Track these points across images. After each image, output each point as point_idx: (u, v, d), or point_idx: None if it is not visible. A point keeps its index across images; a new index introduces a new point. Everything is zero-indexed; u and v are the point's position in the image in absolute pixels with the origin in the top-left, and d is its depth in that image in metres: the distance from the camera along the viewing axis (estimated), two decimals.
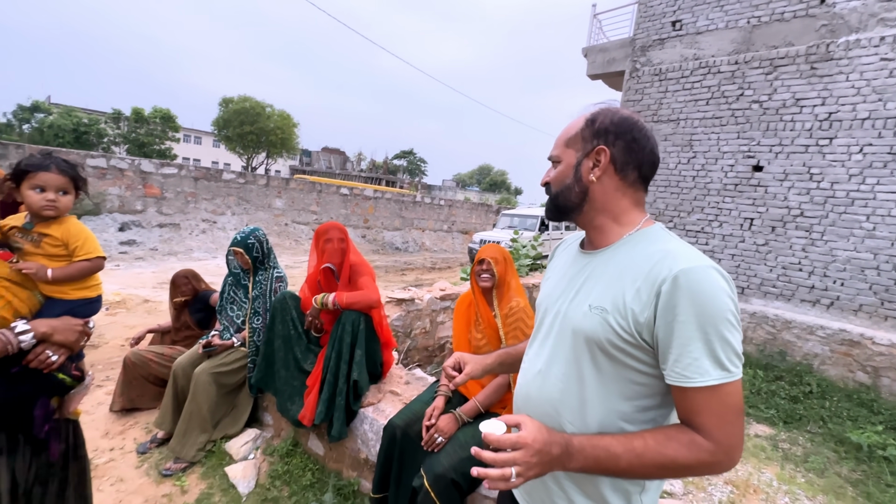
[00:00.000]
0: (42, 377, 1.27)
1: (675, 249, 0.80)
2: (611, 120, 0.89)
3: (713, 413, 0.74)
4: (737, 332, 0.75)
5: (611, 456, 0.76)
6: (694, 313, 0.74)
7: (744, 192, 5.58)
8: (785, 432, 4.10)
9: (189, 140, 43.67)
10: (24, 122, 27.65)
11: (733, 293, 0.77)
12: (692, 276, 0.75)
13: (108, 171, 8.51)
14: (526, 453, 0.72)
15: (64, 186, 1.39)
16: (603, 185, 0.89)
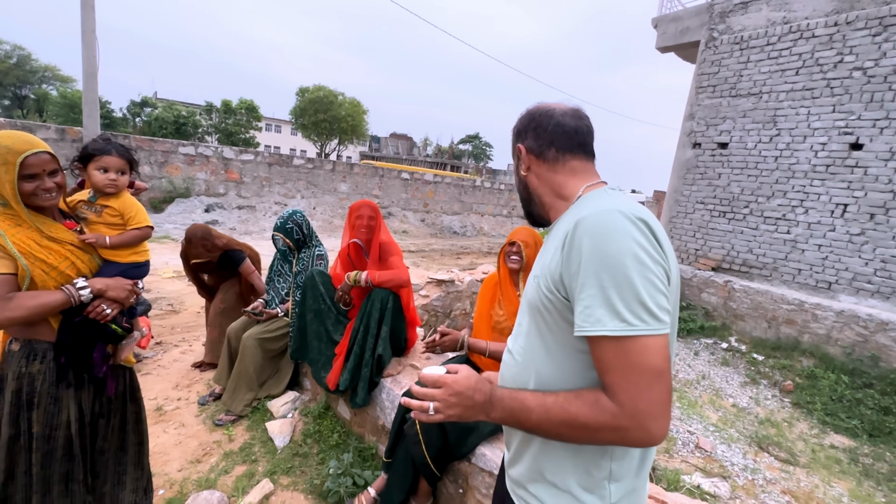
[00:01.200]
0: (98, 327, 1.49)
1: (592, 202, 0.79)
2: (518, 122, 0.97)
3: (617, 370, 0.68)
4: (647, 280, 0.67)
5: (524, 408, 0.77)
6: (589, 258, 0.69)
7: (837, 174, 4.89)
8: (869, 446, 3.64)
9: (270, 129, 46.97)
10: (135, 115, 31.46)
11: (645, 235, 0.69)
12: (591, 220, 0.71)
13: (196, 157, 9.47)
14: (445, 392, 0.80)
15: (122, 167, 1.64)
16: (533, 173, 0.94)
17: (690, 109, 6.33)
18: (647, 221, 0.71)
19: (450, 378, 0.81)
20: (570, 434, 0.74)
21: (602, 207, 0.73)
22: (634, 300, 0.66)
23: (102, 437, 1.64)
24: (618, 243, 0.68)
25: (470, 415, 0.81)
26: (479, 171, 39.98)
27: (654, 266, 0.68)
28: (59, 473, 1.49)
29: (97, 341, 1.50)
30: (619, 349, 0.67)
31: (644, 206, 0.76)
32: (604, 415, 0.69)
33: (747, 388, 4.44)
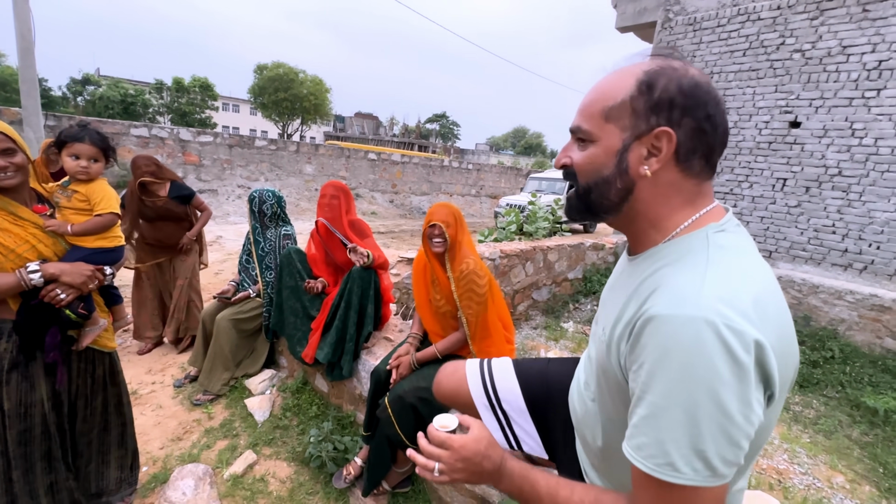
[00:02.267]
0: (54, 311, 1.50)
1: (689, 280, 0.58)
2: (678, 87, 0.63)
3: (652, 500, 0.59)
4: (721, 433, 0.52)
5: (533, 492, 0.73)
6: (653, 373, 0.55)
7: (778, 151, 5.27)
8: (800, 395, 4.07)
9: (228, 108, 44.82)
10: (77, 94, 29.26)
11: (741, 373, 0.51)
12: (668, 328, 0.55)
13: (151, 139, 9.02)
14: (451, 456, 0.74)
15: (95, 155, 1.62)
16: (657, 179, 0.66)
17: None
18: (756, 343, 0.52)
19: (458, 442, 0.74)
20: None
21: (691, 313, 0.53)
22: (692, 450, 0.53)
23: (82, 420, 1.68)
24: (695, 376, 0.52)
25: (475, 480, 0.76)
26: (447, 151, 39.83)
27: (739, 416, 0.52)
28: (41, 451, 1.53)
29: (51, 325, 1.50)
30: (661, 489, 0.56)
31: (769, 293, 0.58)
32: None
33: None
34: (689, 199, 0.67)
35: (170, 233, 2.93)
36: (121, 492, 1.80)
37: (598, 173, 0.68)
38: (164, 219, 2.87)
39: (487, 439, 0.76)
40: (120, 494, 1.80)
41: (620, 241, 6.58)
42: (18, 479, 1.49)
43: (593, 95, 0.69)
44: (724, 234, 0.64)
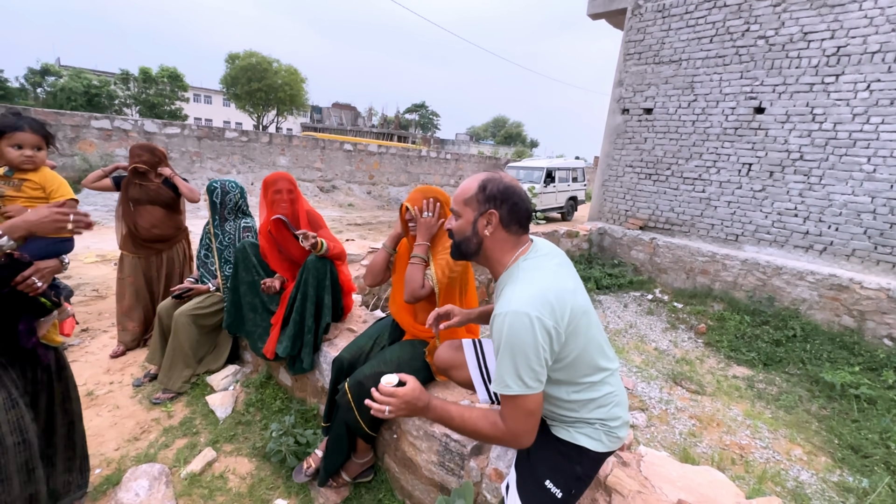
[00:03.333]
0: (25, 299, 1.44)
1: (511, 294, 1.09)
2: (497, 188, 1.17)
3: (508, 410, 1.10)
4: (534, 361, 1.03)
5: (449, 416, 1.18)
6: (505, 344, 1.04)
7: (744, 136, 5.38)
8: (763, 373, 4.22)
9: (199, 100, 43.44)
10: (36, 85, 27.86)
11: (543, 332, 1.03)
12: (509, 318, 1.04)
13: (114, 132, 8.67)
14: (398, 401, 1.17)
15: (38, 143, 1.59)
16: (493, 237, 1.19)
17: (619, 76, 6.62)
18: (537, 319, 1.02)
19: (400, 391, 1.17)
20: (474, 436, 1.17)
21: (516, 308, 1.04)
22: (514, 375, 1.05)
23: (31, 419, 1.59)
24: (512, 338, 1.03)
25: (413, 414, 1.20)
26: (427, 141, 39.53)
27: (535, 357, 1.03)
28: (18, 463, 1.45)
29: (22, 314, 1.45)
30: (506, 400, 1.09)
31: (552, 293, 1.07)
32: (496, 430, 1.12)
33: (668, 333, 4.94)
34: (513, 245, 1.21)
35: (160, 219, 2.84)
36: (70, 495, 1.74)
37: (464, 234, 1.22)
38: (154, 203, 2.80)
39: (419, 389, 1.20)
40: (69, 498, 1.73)
41: (594, 229, 6.66)
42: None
43: (459, 191, 1.23)
44: (526, 262, 1.17)
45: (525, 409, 1.06)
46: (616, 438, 1.19)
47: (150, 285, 2.92)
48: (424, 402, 1.17)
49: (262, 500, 1.80)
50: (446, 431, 1.57)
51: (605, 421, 1.17)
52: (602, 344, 1.18)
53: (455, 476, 1.54)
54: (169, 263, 2.93)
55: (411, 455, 1.70)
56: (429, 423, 1.63)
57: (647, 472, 1.32)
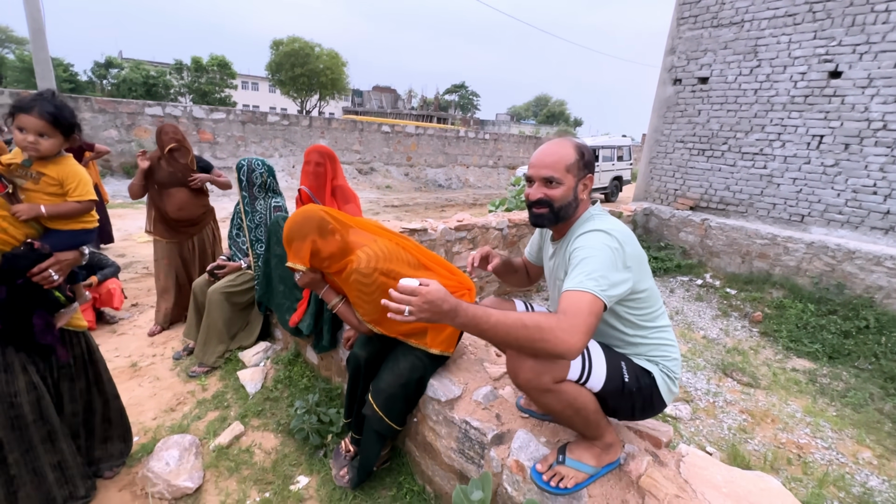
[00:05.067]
0: (40, 293, 1.46)
1: (592, 224, 1.22)
2: (589, 155, 1.28)
3: (571, 303, 1.02)
4: (611, 269, 1.08)
5: (486, 313, 1.02)
6: (587, 253, 1.11)
7: (815, 105, 4.82)
8: (828, 367, 3.83)
9: (247, 87, 44.88)
10: (101, 77, 29.79)
11: (618, 247, 1.13)
12: (592, 234, 1.16)
13: (165, 118, 9.09)
14: (419, 300, 1.00)
15: (42, 129, 1.43)
16: (584, 200, 1.30)
17: (672, 43, 6.10)
18: (624, 242, 1.14)
19: (423, 289, 1.01)
20: (518, 331, 0.99)
21: (601, 227, 1.17)
22: (604, 275, 1.07)
23: (70, 400, 1.66)
24: (604, 248, 1.12)
25: (437, 319, 1.02)
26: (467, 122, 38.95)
27: (620, 265, 1.10)
28: (41, 435, 1.52)
29: (36, 307, 1.47)
30: (579, 295, 1.04)
31: (628, 232, 1.20)
32: (548, 320, 0.99)
33: (718, 321, 4.60)
34: (586, 205, 1.32)
35: (187, 201, 2.89)
36: (111, 461, 1.82)
37: (566, 200, 1.25)
38: (181, 185, 2.85)
39: (445, 290, 1.04)
40: (109, 464, 1.82)
41: (639, 209, 6.28)
42: (17, 460, 1.48)
43: (556, 157, 1.25)
44: (596, 209, 1.31)
45: (589, 307, 1.00)
46: (669, 392, 1.26)
47: (187, 267, 3.02)
48: (452, 304, 1.02)
49: (284, 475, 1.81)
50: (466, 417, 1.48)
51: (668, 367, 1.26)
52: None
53: (475, 465, 1.47)
54: (201, 245, 3.02)
55: (431, 440, 1.64)
56: (448, 407, 1.56)
57: (687, 475, 1.18)
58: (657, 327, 1.27)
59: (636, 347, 1.26)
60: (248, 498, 1.71)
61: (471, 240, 4.22)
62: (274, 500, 1.69)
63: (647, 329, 1.25)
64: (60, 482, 1.58)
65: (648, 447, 1.31)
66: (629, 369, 1.22)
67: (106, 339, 3.00)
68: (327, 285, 1.65)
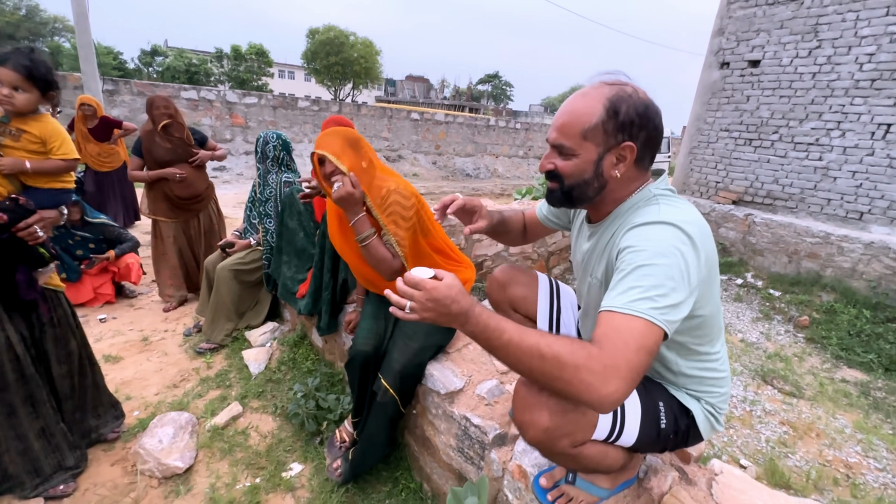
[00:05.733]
0: (23, 249, 1.43)
1: (650, 211, 0.87)
2: (636, 111, 0.86)
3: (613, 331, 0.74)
4: (676, 282, 0.77)
5: (499, 327, 0.79)
6: (643, 258, 0.79)
7: (883, 90, 4.33)
8: (884, 380, 3.46)
9: (284, 75, 45.67)
10: (147, 65, 31.01)
11: (690, 249, 0.80)
12: (653, 229, 0.83)
13: (200, 102, 9.28)
14: (424, 295, 0.81)
15: (17, 83, 1.42)
16: (621, 177, 0.92)
17: (720, 23, 5.65)
18: (696, 241, 0.81)
19: (430, 284, 0.82)
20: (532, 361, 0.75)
21: (667, 219, 0.82)
22: (664, 292, 0.77)
23: (57, 362, 1.62)
24: (670, 251, 0.79)
25: (443, 321, 0.84)
26: (499, 113, 38.32)
27: (687, 278, 0.79)
28: (21, 396, 1.49)
29: (19, 264, 1.43)
30: (627, 322, 0.75)
31: (702, 222, 0.86)
32: (580, 353, 0.72)
33: (759, 324, 4.26)
34: (639, 182, 0.95)
35: (191, 178, 2.84)
36: (109, 425, 1.80)
37: (580, 177, 0.92)
38: (181, 161, 2.79)
39: (459, 288, 0.83)
40: (109, 427, 1.79)
41: None
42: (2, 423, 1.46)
43: (569, 117, 0.90)
44: (659, 189, 0.94)
45: (639, 341, 0.72)
46: (711, 430, 1.02)
47: (192, 246, 2.99)
48: (462, 307, 0.81)
49: (278, 461, 1.72)
50: (467, 413, 1.34)
51: (714, 404, 1.00)
52: None
53: (474, 466, 1.32)
54: (207, 221, 2.98)
55: (430, 435, 1.51)
56: (448, 400, 1.41)
57: (720, 497, 1.00)
58: (712, 354, 0.98)
59: (679, 378, 0.99)
60: (239, 482, 1.63)
61: None
62: (264, 486, 1.61)
63: (700, 356, 0.97)
64: (47, 450, 1.54)
65: (675, 461, 1.13)
66: (667, 410, 0.97)
67: (124, 313, 3.03)
68: (364, 212, 1.45)
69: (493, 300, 1.36)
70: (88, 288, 3.01)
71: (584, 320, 1.15)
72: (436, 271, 0.87)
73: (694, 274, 0.78)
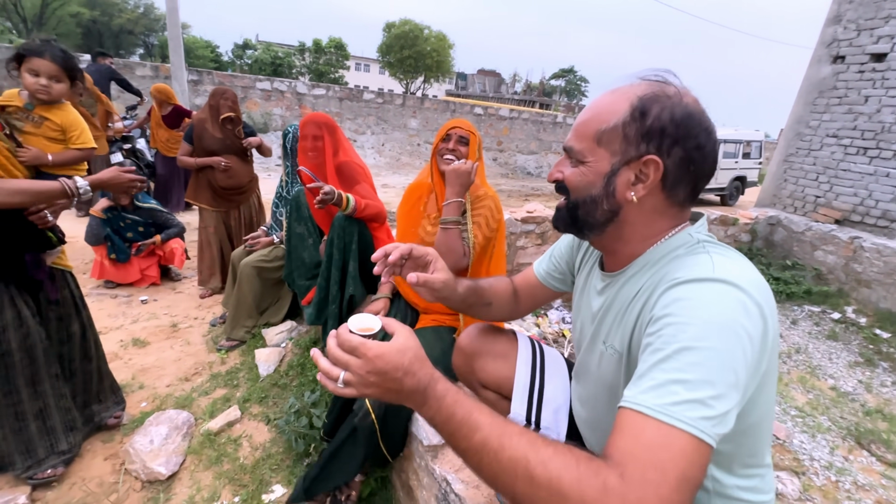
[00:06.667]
0: (33, 231, 1.44)
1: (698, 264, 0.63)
2: (671, 116, 0.65)
3: (641, 449, 0.51)
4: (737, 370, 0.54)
5: (468, 421, 0.58)
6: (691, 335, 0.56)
7: None
8: None
9: (359, 68, 47.27)
10: (238, 58, 33.55)
11: (756, 322, 0.57)
12: (705, 289, 0.59)
13: (272, 92, 9.72)
14: (364, 366, 0.60)
15: (56, 74, 1.51)
16: (642, 204, 0.69)
17: (837, 9, 4.79)
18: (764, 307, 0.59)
19: (374, 350, 0.60)
20: (515, 482, 0.53)
21: (724, 277, 0.59)
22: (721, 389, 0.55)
23: (59, 342, 1.62)
24: (729, 327, 0.56)
25: (392, 399, 0.63)
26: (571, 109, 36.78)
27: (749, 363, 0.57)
28: (26, 376, 1.50)
29: (27, 245, 1.45)
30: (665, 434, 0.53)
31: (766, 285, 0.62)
32: (591, 482, 0.50)
33: (857, 370, 3.56)
34: (672, 222, 0.72)
35: (236, 169, 2.88)
36: (110, 410, 1.80)
37: (587, 192, 0.72)
38: (228, 152, 2.83)
39: (414, 352, 0.63)
40: (110, 412, 1.80)
41: (762, 217, 5.14)
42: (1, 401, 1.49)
43: (588, 115, 0.72)
44: (702, 235, 0.70)
45: (683, 465, 0.50)
46: None
47: (231, 237, 3.01)
48: (418, 383, 0.61)
49: (261, 480, 1.61)
50: (448, 475, 1.11)
51: None
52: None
53: None
54: (247, 214, 2.99)
55: (413, 485, 1.30)
56: (431, 454, 1.19)
57: None
58: (757, 468, 0.72)
59: (710, 497, 0.71)
60: (218, 498, 1.54)
61: (539, 234, 3.72)
62: None
63: (742, 470, 0.70)
64: (42, 432, 1.54)
65: None
66: None
67: (164, 296, 3.13)
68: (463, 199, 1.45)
69: (459, 373, 1.12)
70: (136, 269, 3.15)
71: (588, 407, 0.86)
72: (384, 321, 0.68)
73: (757, 355, 0.56)
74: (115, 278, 3.10)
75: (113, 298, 2.98)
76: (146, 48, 35.24)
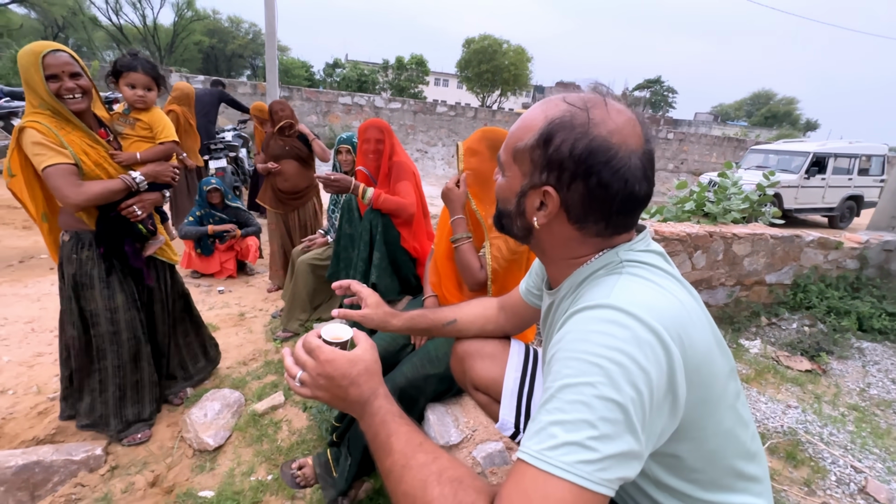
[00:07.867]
0: (127, 224, 1.69)
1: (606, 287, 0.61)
2: (570, 150, 0.61)
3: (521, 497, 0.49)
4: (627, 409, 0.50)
5: (385, 446, 0.60)
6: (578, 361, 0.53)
7: None
8: None
9: (439, 83, 48.83)
10: (329, 76, 36.38)
11: (651, 351, 0.52)
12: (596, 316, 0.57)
13: (352, 107, 10.41)
14: (315, 367, 0.64)
15: (148, 84, 1.77)
16: (552, 231, 0.68)
17: None
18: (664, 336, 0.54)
19: (326, 355, 0.64)
20: (412, 497, 0.54)
21: (616, 304, 0.56)
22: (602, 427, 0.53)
23: (161, 322, 1.90)
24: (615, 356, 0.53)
25: (339, 406, 0.67)
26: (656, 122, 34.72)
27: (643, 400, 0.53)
28: (130, 353, 1.74)
29: (125, 237, 1.70)
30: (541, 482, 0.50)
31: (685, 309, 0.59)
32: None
33: None
34: (596, 247, 0.68)
35: (295, 173, 3.14)
36: (200, 373, 2.16)
37: (505, 205, 0.72)
38: (290, 157, 3.10)
39: (365, 364, 0.65)
40: (199, 376, 2.14)
41: (875, 242, 4.44)
42: (108, 373, 1.74)
43: (515, 127, 0.70)
44: (631, 253, 0.66)
45: None
46: None
47: (291, 236, 3.26)
48: (360, 394, 0.64)
49: None
50: None
51: None
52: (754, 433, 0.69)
53: None
54: (304, 217, 3.22)
55: None
56: None
57: None
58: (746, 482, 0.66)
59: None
60: (255, 473, 1.66)
61: None
62: (271, 486, 1.60)
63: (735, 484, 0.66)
64: (133, 400, 1.79)
65: None
66: None
67: (239, 288, 3.47)
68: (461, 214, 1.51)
69: (455, 375, 1.13)
70: (216, 262, 3.54)
71: None
72: (355, 332, 0.70)
73: (669, 393, 0.53)
74: (199, 269, 3.51)
75: (196, 287, 3.36)
76: (252, 69, 39.59)
